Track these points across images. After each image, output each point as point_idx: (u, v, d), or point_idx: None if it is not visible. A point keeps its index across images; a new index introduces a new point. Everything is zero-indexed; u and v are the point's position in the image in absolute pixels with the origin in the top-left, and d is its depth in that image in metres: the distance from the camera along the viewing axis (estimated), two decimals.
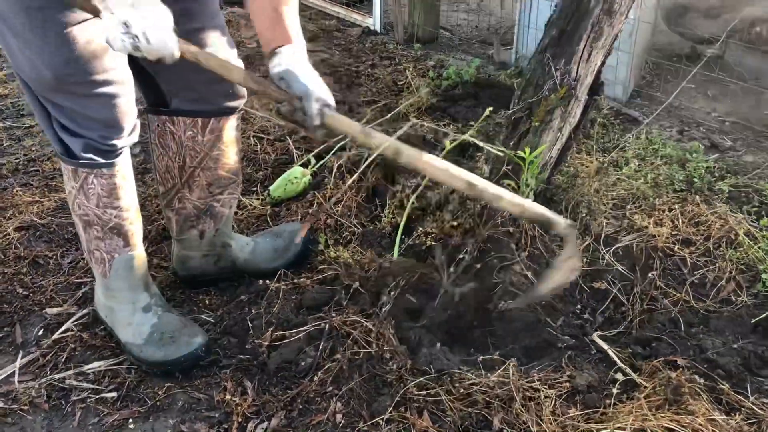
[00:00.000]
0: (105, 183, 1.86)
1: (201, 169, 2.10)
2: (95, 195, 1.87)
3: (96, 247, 1.96)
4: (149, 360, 1.97)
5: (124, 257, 1.98)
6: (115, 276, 1.99)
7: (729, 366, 1.76)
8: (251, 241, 2.35)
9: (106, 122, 1.79)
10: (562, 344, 1.95)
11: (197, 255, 2.26)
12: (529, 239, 2.23)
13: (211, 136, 2.06)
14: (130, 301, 2.03)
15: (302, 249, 2.33)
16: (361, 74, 3.82)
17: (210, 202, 2.17)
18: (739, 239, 2.21)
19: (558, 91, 2.19)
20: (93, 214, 1.90)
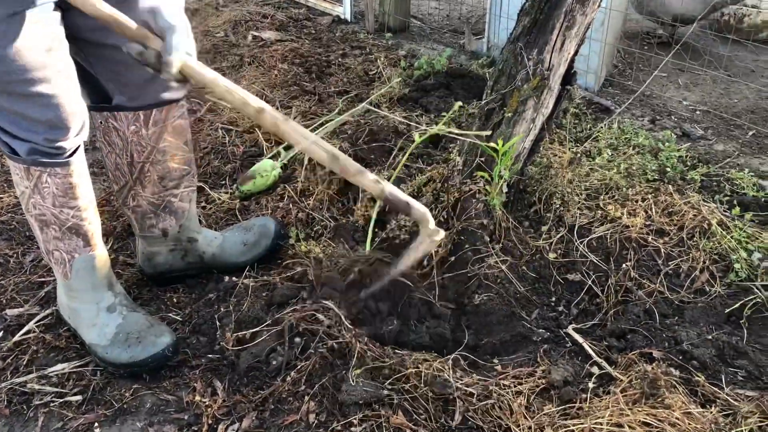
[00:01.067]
0: (60, 182, 1.78)
1: (150, 164, 2.02)
2: (51, 194, 1.79)
3: (55, 248, 1.88)
4: (115, 362, 1.90)
5: (85, 257, 1.90)
6: (77, 276, 1.92)
7: (704, 357, 1.75)
8: (220, 235, 2.29)
9: (50, 123, 1.69)
10: (537, 338, 1.93)
11: (164, 250, 2.20)
12: (503, 231, 2.20)
13: (155, 128, 1.98)
14: (94, 302, 1.95)
15: (272, 243, 2.27)
16: (331, 64, 3.76)
17: (166, 197, 2.10)
18: (712, 229, 2.20)
19: (531, 81, 2.16)
20: (50, 214, 1.82)
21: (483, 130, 2.23)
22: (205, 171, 2.82)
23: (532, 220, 2.33)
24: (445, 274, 2.13)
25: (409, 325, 1.97)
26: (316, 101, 3.33)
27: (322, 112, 3.21)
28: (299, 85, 3.48)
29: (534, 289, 2.12)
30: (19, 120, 1.69)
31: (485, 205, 2.17)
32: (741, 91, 3.44)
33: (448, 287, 2.11)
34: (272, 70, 3.65)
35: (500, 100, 2.21)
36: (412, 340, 1.93)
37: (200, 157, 2.88)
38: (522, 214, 2.35)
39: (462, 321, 2.04)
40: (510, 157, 2.16)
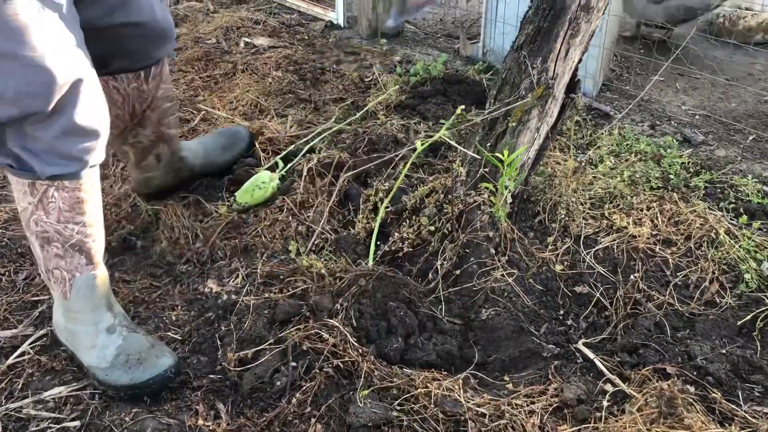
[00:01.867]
0: (67, 196, 1.73)
1: (151, 110, 2.28)
2: (56, 209, 1.73)
3: (56, 266, 1.83)
4: (116, 384, 1.84)
5: (86, 276, 1.86)
6: (77, 296, 1.86)
7: (719, 373, 1.72)
8: (199, 144, 2.64)
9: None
10: (547, 353, 1.89)
11: (158, 174, 2.45)
12: (508, 243, 2.16)
13: (154, 81, 2.22)
14: (93, 323, 1.90)
15: (249, 142, 2.72)
16: (326, 71, 3.71)
17: (160, 130, 2.36)
18: (720, 238, 2.17)
19: (535, 90, 2.12)
20: (53, 231, 1.77)
21: (487, 140, 2.19)
22: (200, 183, 2.75)
23: (537, 231, 2.30)
24: (450, 288, 2.08)
25: (415, 342, 1.92)
26: (312, 109, 3.28)
27: (319, 121, 3.16)
28: (294, 92, 3.42)
29: (542, 303, 2.08)
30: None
31: (490, 217, 2.13)
32: (739, 95, 3.42)
33: (453, 302, 2.06)
34: (266, 77, 3.59)
35: (503, 109, 2.16)
36: (420, 357, 1.88)
37: None
38: (527, 224, 2.31)
39: (469, 337, 1.99)
40: (515, 168, 2.12)
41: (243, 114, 3.24)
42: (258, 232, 2.40)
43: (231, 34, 4.30)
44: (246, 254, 2.35)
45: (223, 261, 2.34)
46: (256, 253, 2.33)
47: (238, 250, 2.37)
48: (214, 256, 2.38)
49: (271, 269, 2.23)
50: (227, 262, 2.33)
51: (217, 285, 2.24)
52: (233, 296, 2.13)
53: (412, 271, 2.17)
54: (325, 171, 2.52)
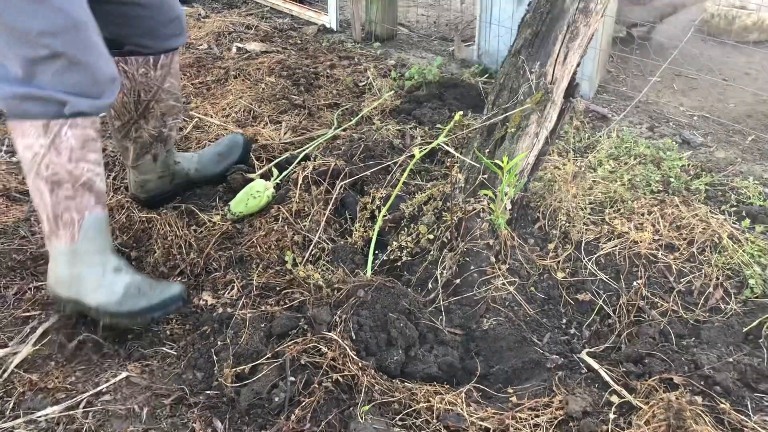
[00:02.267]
0: (79, 134, 1.86)
1: (155, 102, 2.34)
2: (68, 148, 1.85)
3: (65, 208, 1.91)
4: (131, 310, 1.97)
5: (95, 216, 1.96)
6: (84, 238, 1.95)
7: (726, 382, 1.68)
8: (194, 154, 2.67)
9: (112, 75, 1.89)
10: (550, 364, 1.85)
11: (153, 177, 2.51)
12: (508, 251, 2.13)
13: (161, 70, 2.30)
14: (100, 264, 1.98)
15: (244, 150, 2.71)
16: (320, 75, 3.67)
17: (161, 128, 2.42)
18: (722, 243, 2.14)
19: (533, 95, 2.08)
20: (64, 171, 1.87)
21: (485, 146, 2.15)
22: (193, 192, 2.71)
23: (538, 238, 2.26)
24: (450, 298, 2.05)
25: (416, 355, 1.88)
26: (306, 115, 3.24)
27: (313, 127, 3.12)
28: (288, 98, 3.38)
29: (544, 311, 2.04)
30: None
31: (490, 225, 2.09)
32: (737, 95, 3.39)
33: (454, 312, 2.03)
34: (259, 83, 3.55)
35: (502, 114, 2.13)
36: (421, 370, 1.84)
37: None
38: (526, 231, 2.27)
39: (471, 347, 1.95)
40: (514, 174, 2.08)
41: (236, 121, 3.20)
42: (253, 242, 2.35)
43: (223, 40, 4.26)
44: (241, 265, 2.30)
45: (217, 272, 2.29)
46: (252, 264, 2.28)
47: (233, 261, 2.32)
48: (208, 267, 2.33)
49: (267, 280, 2.19)
50: (222, 274, 2.28)
51: (212, 297, 2.19)
52: (229, 309, 2.08)
53: (411, 281, 2.13)
54: (321, 179, 2.48)
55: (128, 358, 2.00)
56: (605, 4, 2.06)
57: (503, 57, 3.64)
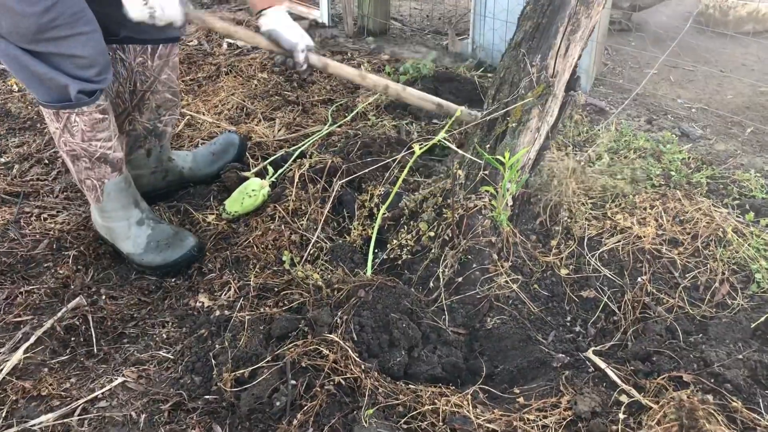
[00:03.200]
0: (87, 119, 2.04)
1: (151, 93, 2.35)
2: (79, 131, 2.05)
3: (87, 177, 2.16)
4: (151, 264, 2.24)
5: (114, 181, 2.19)
6: (108, 199, 2.21)
7: (737, 380, 1.65)
8: (189, 152, 2.66)
9: (92, 59, 1.96)
10: (556, 363, 1.81)
11: (146, 173, 2.52)
12: (510, 247, 2.09)
13: (159, 61, 2.31)
14: (125, 218, 2.25)
15: (239, 151, 2.68)
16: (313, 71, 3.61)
17: (155, 122, 2.43)
18: (727, 237, 2.11)
19: (535, 88, 2.04)
20: (80, 149, 2.09)
21: (486, 142, 2.11)
22: (186, 191, 2.66)
23: (539, 234, 2.22)
24: (453, 297, 2.01)
25: (419, 355, 1.84)
26: (300, 111, 3.19)
27: (307, 123, 3.07)
28: (281, 94, 3.33)
29: (548, 309, 2.00)
30: (62, 62, 1.92)
31: (492, 221, 2.05)
32: (734, 87, 3.37)
33: (457, 311, 1.99)
34: (251, 79, 3.49)
35: (502, 109, 2.09)
36: (424, 371, 1.80)
37: None
38: (528, 227, 2.23)
39: (475, 347, 1.92)
40: (516, 170, 2.04)
41: (229, 118, 3.14)
42: (249, 242, 2.31)
43: (213, 35, 4.19)
44: (237, 266, 2.26)
45: (213, 273, 2.25)
46: (248, 265, 2.24)
47: (229, 262, 2.28)
48: (203, 268, 2.28)
49: (264, 281, 2.14)
50: (218, 275, 2.24)
51: (209, 299, 2.15)
52: (226, 311, 2.04)
53: (412, 280, 2.09)
54: (318, 176, 2.43)
55: (124, 363, 1.95)
56: None
57: (498, 50, 3.61)
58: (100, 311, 2.09)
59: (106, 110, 2.08)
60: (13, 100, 3.44)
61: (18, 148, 3.02)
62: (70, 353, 1.98)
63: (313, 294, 2.00)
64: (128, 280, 2.27)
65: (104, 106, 2.07)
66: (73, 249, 2.35)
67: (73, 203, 2.62)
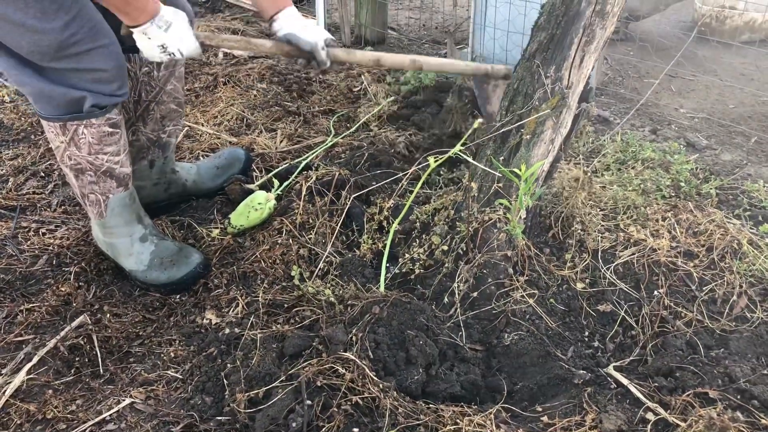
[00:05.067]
0: (95, 132, 1.99)
1: (156, 103, 2.31)
2: (86, 144, 2.00)
3: (91, 191, 2.10)
4: (155, 282, 2.18)
5: (118, 197, 2.13)
6: (111, 215, 2.14)
7: (764, 396, 1.62)
8: (194, 165, 2.61)
9: (115, 71, 1.93)
10: (577, 380, 1.78)
11: (148, 184, 2.46)
12: (526, 261, 2.05)
13: (165, 71, 2.28)
14: (128, 235, 2.19)
15: (244, 165, 2.63)
16: (312, 81, 3.57)
17: (159, 133, 2.38)
18: (743, 249, 2.09)
19: (549, 100, 2.01)
20: (85, 162, 2.03)
21: (500, 154, 2.08)
22: (189, 205, 2.60)
23: (553, 246, 2.19)
24: (468, 312, 1.97)
25: (437, 373, 1.80)
26: (302, 122, 3.14)
27: (309, 134, 3.03)
28: (281, 105, 3.28)
29: (565, 324, 1.97)
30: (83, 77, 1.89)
31: (507, 235, 2.02)
32: (735, 96, 3.37)
33: (473, 326, 1.95)
34: (250, 89, 3.45)
35: (517, 120, 2.06)
36: (443, 389, 1.76)
37: None
38: (541, 240, 2.20)
39: (493, 364, 1.88)
40: (532, 182, 2.01)
41: (229, 129, 3.09)
42: (256, 256, 2.25)
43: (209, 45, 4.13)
44: (245, 281, 2.21)
45: (220, 289, 2.19)
46: (256, 280, 2.19)
47: (236, 277, 2.23)
48: (209, 283, 2.23)
49: (273, 297, 2.09)
50: (225, 291, 2.19)
51: (216, 316, 2.09)
52: (236, 329, 1.98)
53: (426, 295, 2.05)
54: (325, 189, 2.39)
55: (131, 383, 1.89)
56: (621, 6, 2.00)
57: (499, 59, 3.58)
58: (104, 330, 2.03)
59: (117, 124, 2.04)
60: (5, 111, 3.37)
61: (12, 160, 2.95)
62: (75, 374, 1.92)
63: (326, 311, 1.96)
64: (132, 297, 2.21)
65: (115, 120, 2.03)
66: (73, 265, 2.29)
67: (71, 217, 2.56)
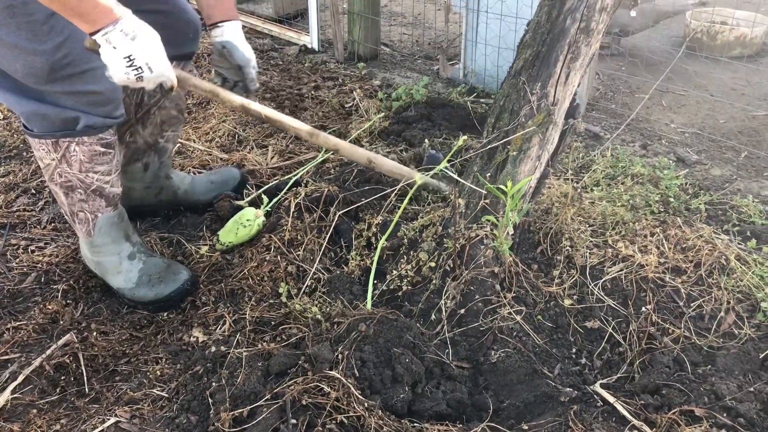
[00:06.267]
0: (87, 150, 1.98)
1: (158, 108, 2.32)
2: (77, 161, 1.99)
3: (80, 209, 2.09)
4: (143, 300, 2.17)
5: (107, 215, 2.12)
6: (99, 233, 2.14)
7: (750, 413, 1.61)
8: (189, 175, 2.63)
9: (107, 94, 1.92)
10: (564, 398, 1.77)
11: (140, 186, 2.49)
12: (513, 278, 2.05)
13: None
14: (116, 253, 2.17)
15: (238, 185, 2.63)
16: (304, 97, 3.58)
17: (157, 137, 2.40)
18: (731, 265, 2.08)
19: (535, 116, 2.02)
20: (76, 179, 2.02)
21: (486, 170, 2.08)
22: (178, 221, 2.60)
23: (541, 263, 2.19)
24: (455, 329, 1.96)
25: (423, 391, 1.79)
26: (293, 138, 3.15)
27: (301, 150, 3.03)
28: None
29: (552, 341, 1.96)
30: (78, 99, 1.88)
31: (494, 251, 2.01)
32: (726, 111, 3.38)
33: (460, 344, 1.94)
34: None
35: (503, 137, 2.06)
36: (429, 408, 1.75)
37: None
38: (529, 256, 2.20)
39: (479, 381, 1.87)
40: (518, 199, 2.01)
41: (221, 146, 3.10)
42: (244, 273, 2.25)
43: (201, 61, 4.16)
44: (232, 298, 2.20)
45: (207, 307, 2.19)
46: (244, 297, 2.18)
47: (224, 294, 2.22)
48: (196, 301, 2.23)
49: (260, 314, 2.09)
50: (212, 308, 2.18)
51: (203, 334, 2.09)
52: (222, 347, 1.98)
53: (413, 311, 2.04)
54: (314, 206, 2.39)
55: (116, 402, 1.88)
56: (606, 23, 2.01)
57: (490, 75, 3.60)
58: (90, 348, 2.03)
59: (111, 144, 2.03)
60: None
61: (3, 177, 2.95)
62: (60, 393, 1.91)
63: (312, 328, 1.95)
64: (119, 315, 2.21)
65: (109, 141, 2.02)
66: (61, 282, 2.28)
67: (61, 234, 2.56)
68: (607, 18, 1.99)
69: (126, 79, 1.71)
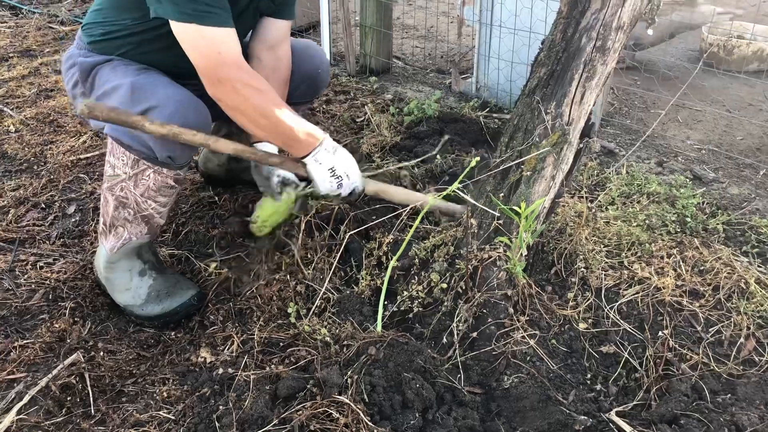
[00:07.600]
0: (160, 180, 2.05)
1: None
2: (145, 186, 2.05)
3: (121, 225, 2.13)
4: (150, 315, 2.17)
5: (139, 242, 2.17)
6: (123, 254, 2.17)
7: None
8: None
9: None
10: (579, 426, 1.72)
11: (215, 162, 2.78)
12: (527, 300, 2.01)
13: None
14: (127, 269, 2.19)
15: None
16: (316, 111, 3.56)
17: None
18: (750, 289, 2.03)
19: (550, 136, 1.98)
20: (133, 200, 2.07)
21: (499, 191, 2.05)
22: (187, 237, 2.58)
23: (555, 284, 2.14)
24: (467, 353, 1.92)
25: (434, 418, 1.75)
26: None
27: None
28: None
29: (567, 366, 1.91)
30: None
31: (507, 273, 1.97)
32: (744, 128, 3.32)
33: (472, 368, 1.90)
34: None
35: (517, 157, 2.02)
36: None
37: (181, 222, 2.65)
38: (543, 277, 2.16)
39: (492, 408, 1.82)
40: (532, 220, 1.97)
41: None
42: (253, 292, 2.22)
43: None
44: (240, 318, 2.17)
45: (215, 326, 2.16)
46: (252, 317, 2.16)
47: (232, 314, 2.19)
48: (205, 320, 2.20)
49: (269, 335, 2.06)
50: (220, 327, 2.15)
51: (211, 354, 2.06)
52: (230, 368, 1.94)
53: (424, 334, 2.01)
54: (324, 224, 2.35)
55: (122, 425, 1.85)
56: (622, 42, 1.98)
57: (503, 90, 3.57)
58: (97, 368, 2.00)
59: (180, 182, 2.12)
60: (10, 141, 3.38)
61: (14, 191, 2.94)
62: (66, 414, 1.88)
63: (321, 351, 1.92)
64: (126, 333, 2.18)
65: (181, 178, 2.11)
66: (69, 300, 2.26)
67: (70, 250, 2.54)
68: (623, 37, 1.95)
69: (330, 187, 2.01)
